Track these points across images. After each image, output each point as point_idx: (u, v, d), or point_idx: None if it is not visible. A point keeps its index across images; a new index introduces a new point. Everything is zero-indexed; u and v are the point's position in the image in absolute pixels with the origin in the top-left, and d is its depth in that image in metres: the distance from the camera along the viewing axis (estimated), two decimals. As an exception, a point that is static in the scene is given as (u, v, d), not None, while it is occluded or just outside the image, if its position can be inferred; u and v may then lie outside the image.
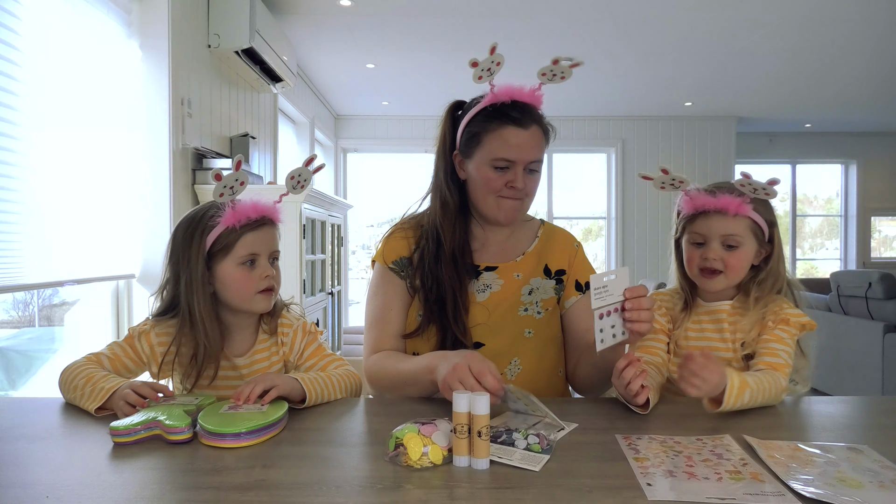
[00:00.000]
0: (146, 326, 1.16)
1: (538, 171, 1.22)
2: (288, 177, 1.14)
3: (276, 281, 1.15)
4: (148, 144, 2.43)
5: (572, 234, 1.37)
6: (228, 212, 1.08)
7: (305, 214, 2.93)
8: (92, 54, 2.15)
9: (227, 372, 1.16)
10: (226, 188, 1.07)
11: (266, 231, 1.13)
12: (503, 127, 1.16)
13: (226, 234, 1.09)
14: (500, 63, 1.14)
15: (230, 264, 1.10)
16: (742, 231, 1.14)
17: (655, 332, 1.21)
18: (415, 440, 0.77)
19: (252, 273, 1.11)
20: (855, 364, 3.78)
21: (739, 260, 1.15)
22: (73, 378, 1.05)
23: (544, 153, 1.22)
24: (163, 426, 0.87)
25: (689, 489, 0.69)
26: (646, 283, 4.96)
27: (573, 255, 1.31)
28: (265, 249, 1.13)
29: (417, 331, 1.22)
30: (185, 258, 1.10)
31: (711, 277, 1.16)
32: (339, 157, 6.47)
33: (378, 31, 3.98)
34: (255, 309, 1.15)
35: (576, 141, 6.55)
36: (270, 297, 1.15)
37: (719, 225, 1.15)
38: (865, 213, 7.46)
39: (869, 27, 3.95)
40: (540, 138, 1.20)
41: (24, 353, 2.32)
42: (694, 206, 1.16)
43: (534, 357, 1.23)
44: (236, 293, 1.12)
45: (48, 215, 1.89)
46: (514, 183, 1.18)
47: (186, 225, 1.12)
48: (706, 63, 4.69)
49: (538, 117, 1.20)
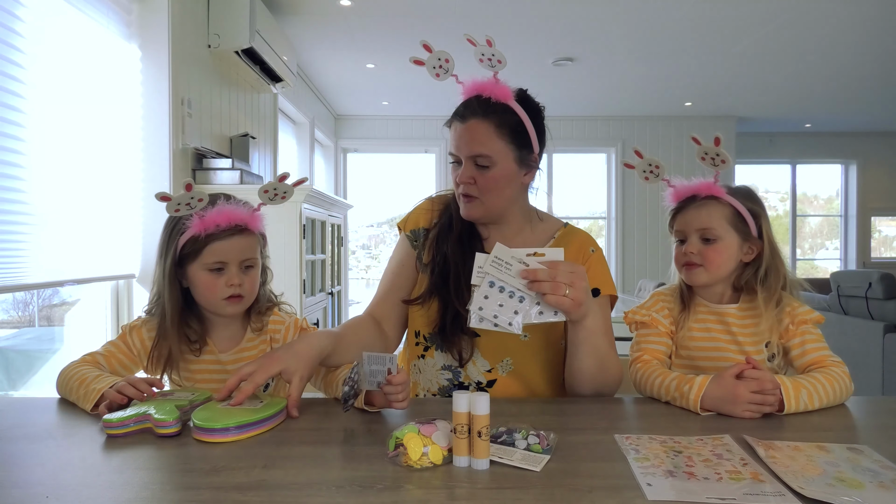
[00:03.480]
0: (137, 322, 1.19)
1: (490, 167, 1.13)
2: (261, 190, 1.10)
3: (247, 289, 1.15)
4: (148, 144, 2.43)
5: (592, 239, 1.27)
6: (195, 219, 1.08)
7: (305, 214, 2.93)
8: (92, 54, 2.15)
9: (211, 366, 1.18)
10: (181, 205, 1.05)
11: (238, 240, 1.12)
12: (452, 122, 1.18)
13: (193, 240, 1.10)
14: (448, 59, 1.13)
15: (198, 268, 1.12)
16: (717, 223, 1.15)
17: (659, 334, 1.21)
18: (415, 440, 0.77)
19: (219, 280, 1.12)
20: (855, 364, 3.78)
21: (718, 253, 1.15)
22: (68, 381, 1.07)
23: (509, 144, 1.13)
24: (152, 419, 0.88)
25: (689, 489, 0.69)
26: (645, 283, 4.96)
27: (586, 259, 1.23)
28: (234, 258, 1.12)
29: (419, 299, 1.24)
30: (162, 253, 1.14)
31: (691, 270, 1.17)
32: (339, 157, 6.47)
33: (378, 31, 3.98)
34: (222, 313, 1.16)
35: (576, 141, 6.55)
36: (237, 303, 1.14)
37: (695, 219, 1.17)
38: (865, 213, 7.46)
39: (869, 27, 3.95)
40: (484, 130, 1.11)
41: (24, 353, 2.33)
42: (675, 196, 1.20)
43: (527, 358, 1.21)
44: (203, 296, 1.14)
45: (49, 215, 1.89)
46: (457, 178, 1.17)
47: (169, 221, 1.15)
48: (706, 63, 4.70)
49: (482, 110, 1.12)
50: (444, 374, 1.23)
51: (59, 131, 1.95)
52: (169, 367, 1.16)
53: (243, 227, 1.13)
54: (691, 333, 1.19)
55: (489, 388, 1.20)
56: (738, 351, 1.15)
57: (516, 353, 1.20)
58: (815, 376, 1.04)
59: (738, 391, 0.97)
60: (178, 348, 1.14)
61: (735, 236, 1.15)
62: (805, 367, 1.12)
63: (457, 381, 1.22)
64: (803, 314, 1.14)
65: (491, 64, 1.12)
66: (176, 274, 1.13)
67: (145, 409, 0.90)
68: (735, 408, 0.97)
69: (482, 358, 1.20)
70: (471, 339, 1.20)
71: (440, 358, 1.23)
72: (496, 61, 1.12)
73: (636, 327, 1.24)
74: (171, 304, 1.13)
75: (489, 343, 1.20)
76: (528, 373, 1.21)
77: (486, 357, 1.20)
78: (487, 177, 1.14)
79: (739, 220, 1.16)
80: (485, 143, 1.12)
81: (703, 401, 1.00)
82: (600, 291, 1.19)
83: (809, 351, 1.13)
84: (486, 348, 1.20)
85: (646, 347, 1.20)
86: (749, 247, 1.17)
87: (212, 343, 1.18)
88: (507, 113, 1.13)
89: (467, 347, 1.19)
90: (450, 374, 1.22)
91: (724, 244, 1.15)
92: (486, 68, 1.13)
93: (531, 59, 4.60)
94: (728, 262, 1.16)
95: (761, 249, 1.17)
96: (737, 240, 1.16)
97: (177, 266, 1.12)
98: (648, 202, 6.55)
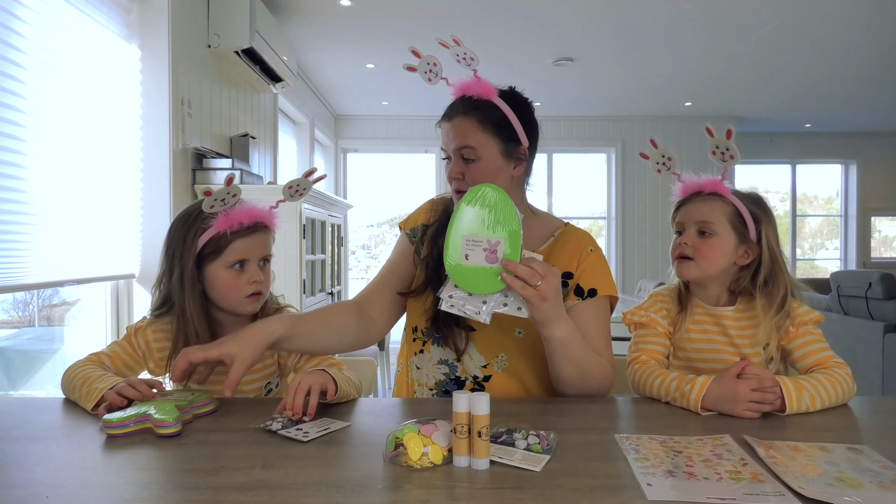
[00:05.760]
0: (143, 323, 1.19)
1: (476, 159, 1.16)
2: (286, 186, 1.15)
3: (265, 285, 1.17)
4: (148, 144, 2.43)
5: (591, 238, 1.27)
6: (221, 217, 1.09)
7: (305, 214, 2.93)
8: (92, 54, 2.15)
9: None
10: (216, 201, 1.07)
11: (258, 237, 1.14)
12: (441, 122, 1.22)
13: (216, 238, 1.10)
14: (436, 63, 1.17)
15: (219, 267, 1.12)
16: (716, 219, 1.15)
17: (657, 335, 1.21)
18: (415, 440, 0.77)
19: (240, 277, 1.12)
20: (855, 364, 3.78)
21: (711, 248, 1.15)
22: (72, 379, 1.07)
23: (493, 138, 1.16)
24: (152, 419, 0.89)
25: (689, 489, 0.69)
26: (646, 283, 4.95)
27: (583, 258, 1.22)
28: (255, 255, 1.14)
29: (414, 291, 1.27)
30: (178, 255, 1.13)
31: (682, 263, 1.18)
32: (339, 157, 6.46)
33: (378, 31, 3.98)
34: (241, 312, 1.16)
35: (576, 141, 6.55)
36: (258, 301, 1.16)
37: (695, 212, 1.17)
38: (865, 213, 7.46)
39: (869, 27, 3.95)
40: (468, 126, 1.15)
41: (24, 353, 2.32)
42: (682, 191, 1.21)
43: (521, 356, 1.21)
44: (224, 296, 1.14)
45: (48, 215, 1.89)
46: (448, 173, 1.20)
47: (182, 221, 1.14)
48: (706, 63, 4.70)
49: (464, 108, 1.16)
50: (440, 368, 1.23)
51: (59, 131, 1.95)
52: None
53: (263, 224, 1.15)
54: (688, 335, 1.19)
55: (486, 384, 1.20)
56: (735, 353, 1.15)
57: (510, 351, 1.20)
58: (818, 377, 1.04)
59: (739, 389, 0.97)
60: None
61: (732, 235, 1.15)
62: (807, 368, 1.12)
63: (453, 375, 1.22)
64: (803, 315, 1.14)
65: (467, 62, 1.15)
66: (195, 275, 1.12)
67: (145, 409, 0.91)
68: (735, 406, 0.97)
69: (478, 353, 1.21)
70: (465, 331, 1.20)
71: (437, 352, 1.24)
72: (469, 59, 1.14)
73: (634, 328, 1.24)
74: (193, 307, 1.12)
75: (484, 337, 1.20)
76: (522, 371, 1.21)
77: (482, 352, 1.21)
78: (474, 169, 1.17)
79: (739, 221, 1.15)
80: (468, 136, 1.15)
81: (703, 400, 1.00)
82: (597, 292, 1.19)
83: (812, 352, 1.12)
84: (481, 343, 1.21)
85: (644, 348, 1.20)
86: (746, 250, 1.16)
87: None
88: (491, 108, 1.16)
89: (461, 339, 1.20)
90: (446, 369, 1.23)
91: (719, 240, 1.15)
92: (465, 67, 1.16)
93: (531, 59, 4.60)
94: (720, 260, 1.15)
95: (758, 255, 1.16)
96: (733, 239, 1.15)
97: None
98: (649, 202, 6.55)
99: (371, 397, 1.39)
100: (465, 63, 1.15)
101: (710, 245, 1.15)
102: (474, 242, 0.97)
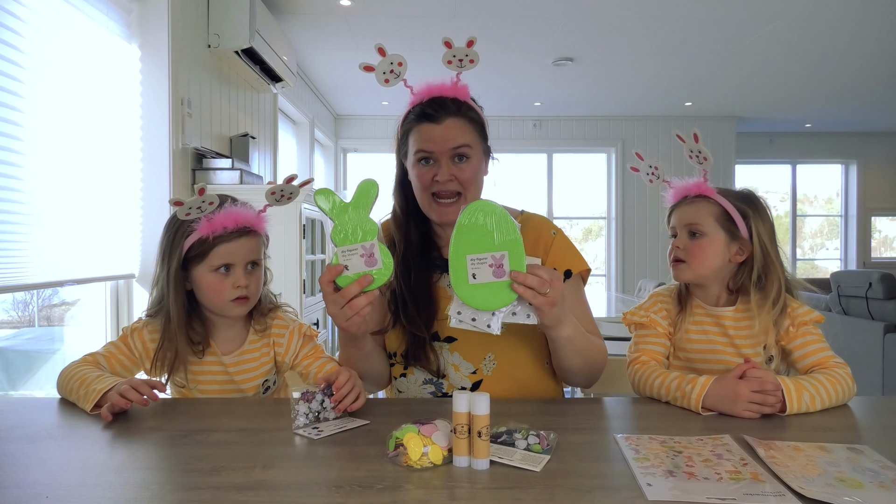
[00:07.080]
0: (139, 324, 1.19)
1: (471, 157, 1.16)
2: (268, 191, 1.10)
3: (252, 289, 1.15)
4: (148, 144, 2.43)
5: (550, 222, 1.28)
6: (203, 222, 1.08)
7: (305, 214, 2.93)
8: (92, 54, 2.15)
9: (214, 367, 1.18)
10: (192, 209, 1.05)
11: (244, 241, 1.13)
12: (419, 124, 1.18)
13: (200, 242, 1.10)
14: (401, 63, 1.14)
15: (204, 270, 1.12)
16: (703, 219, 1.16)
17: (657, 335, 1.21)
18: (415, 440, 0.77)
19: (225, 281, 1.12)
20: (855, 364, 3.76)
21: (702, 249, 1.16)
22: (68, 381, 1.07)
23: (479, 138, 1.18)
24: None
25: (689, 489, 0.69)
26: (646, 283, 4.95)
27: (549, 243, 1.22)
28: (241, 259, 1.13)
29: (383, 330, 1.23)
30: (166, 256, 1.13)
31: (677, 266, 1.19)
32: (339, 157, 6.46)
33: (378, 31, 3.98)
34: (228, 315, 1.16)
35: (576, 141, 6.55)
36: (244, 305, 1.16)
37: (684, 214, 1.19)
38: (865, 213, 7.46)
39: (869, 27, 3.95)
40: (461, 127, 1.15)
41: (23, 353, 2.32)
42: (674, 196, 1.23)
43: (508, 351, 1.20)
44: (209, 299, 1.14)
45: (48, 215, 1.89)
46: (436, 175, 1.15)
47: (172, 222, 1.14)
48: (706, 63, 4.70)
49: (455, 109, 1.16)
50: (426, 388, 1.22)
51: (58, 131, 1.95)
52: (174, 369, 1.15)
53: (250, 229, 1.14)
54: (688, 335, 1.19)
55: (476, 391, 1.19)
56: (735, 353, 1.15)
57: (497, 348, 1.19)
58: (818, 378, 1.04)
59: (739, 390, 0.97)
60: (184, 351, 1.14)
61: (721, 234, 1.16)
62: (808, 368, 1.12)
63: (440, 392, 1.21)
64: (803, 314, 1.14)
65: (461, 65, 1.13)
66: (180, 276, 1.12)
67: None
68: (736, 407, 0.97)
69: (465, 361, 1.19)
70: (438, 352, 1.19)
71: (419, 374, 1.22)
72: (468, 61, 1.13)
73: (634, 328, 1.24)
74: (175, 307, 1.12)
75: (468, 345, 1.19)
76: (514, 365, 1.20)
77: (469, 359, 1.19)
78: (466, 169, 1.16)
79: (727, 219, 1.16)
80: (466, 136, 1.16)
81: (704, 400, 1.00)
82: (572, 272, 1.20)
83: (812, 352, 1.12)
84: (466, 351, 1.19)
85: (644, 348, 1.20)
86: (739, 247, 1.16)
87: (214, 345, 1.18)
88: (471, 110, 1.18)
89: (435, 360, 1.19)
90: (433, 388, 1.22)
91: (709, 240, 1.16)
92: (454, 69, 1.14)
93: (531, 59, 4.60)
94: (712, 259, 1.16)
95: (752, 251, 1.16)
96: (723, 238, 1.16)
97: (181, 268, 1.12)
98: (648, 202, 6.55)
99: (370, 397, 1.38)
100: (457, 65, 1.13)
101: (700, 246, 1.16)
102: (479, 260, 0.96)
